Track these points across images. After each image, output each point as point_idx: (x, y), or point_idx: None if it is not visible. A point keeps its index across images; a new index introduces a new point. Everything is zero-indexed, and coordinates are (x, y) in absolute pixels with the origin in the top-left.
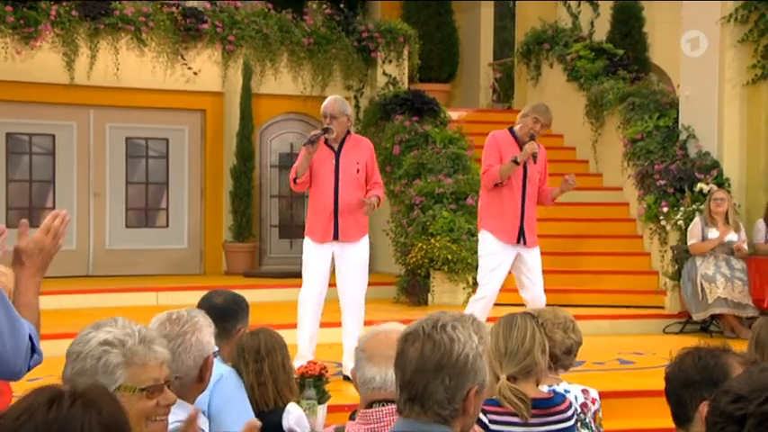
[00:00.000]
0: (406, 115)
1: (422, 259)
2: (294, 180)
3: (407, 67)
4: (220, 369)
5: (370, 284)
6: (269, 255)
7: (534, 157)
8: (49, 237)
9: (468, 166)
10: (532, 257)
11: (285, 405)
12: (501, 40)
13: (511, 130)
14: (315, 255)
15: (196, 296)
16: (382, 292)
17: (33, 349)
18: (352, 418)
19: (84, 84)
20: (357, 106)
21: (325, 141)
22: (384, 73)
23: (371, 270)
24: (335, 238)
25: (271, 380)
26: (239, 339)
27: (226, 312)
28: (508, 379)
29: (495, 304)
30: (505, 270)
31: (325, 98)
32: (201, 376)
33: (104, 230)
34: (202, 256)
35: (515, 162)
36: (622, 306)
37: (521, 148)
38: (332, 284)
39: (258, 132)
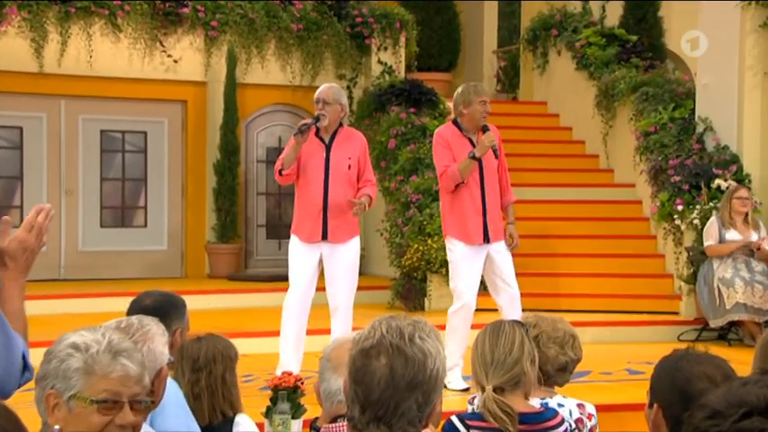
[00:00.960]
0: (403, 107)
1: (418, 261)
2: (280, 171)
3: (404, 54)
4: None
5: (362, 288)
6: (255, 257)
7: (495, 151)
8: (32, 234)
9: None
10: (501, 255)
11: (234, 416)
12: (506, 26)
13: (455, 122)
14: (301, 255)
15: None
16: (376, 296)
17: (26, 366)
18: (313, 429)
19: (54, 72)
20: (350, 97)
21: (316, 132)
22: (379, 61)
23: (364, 272)
24: (324, 238)
25: (207, 393)
26: (182, 344)
27: (157, 314)
28: (495, 390)
29: (476, 310)
30: (478, 274)
31: (315, 88)
32: (154, 390)
33: (77, 230)
34: (183, 258)
35: (474, 158)
36: (634, 312)
37: (471, 142)
38: (319, 288)
39: (243, 125)
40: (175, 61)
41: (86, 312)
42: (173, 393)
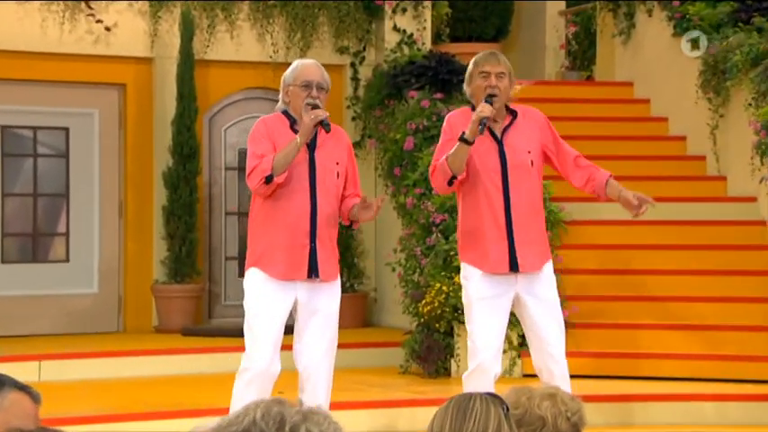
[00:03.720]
0: (426, 91)
1: (441, 307)
2: (268, 178)
3: (431, 19)
4: None
5: (363, 345)
6: (223, 302)
7: (480, 124)
8: None
9: None
10: (537, 296)
11: None
12: None
13: (471, 105)
14: (270, 299)
15: (107, 367)
16: (382, 356)
17: None
18: None
19: None
20: (355, 78)
21: (291, 125)
22: (395, 28)
23: (368, 323)
24: (311, 275)
25: None
26: None
27: None
28: None
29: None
30: (502, 319)
31: None
32: None
33: None
34: (121, 304)
35: (464, 140)
36: (755, 381)
37: (491, 132)
38: (284, 347)
39: (206, 119)
40: (108, 29)
41: None
42: None
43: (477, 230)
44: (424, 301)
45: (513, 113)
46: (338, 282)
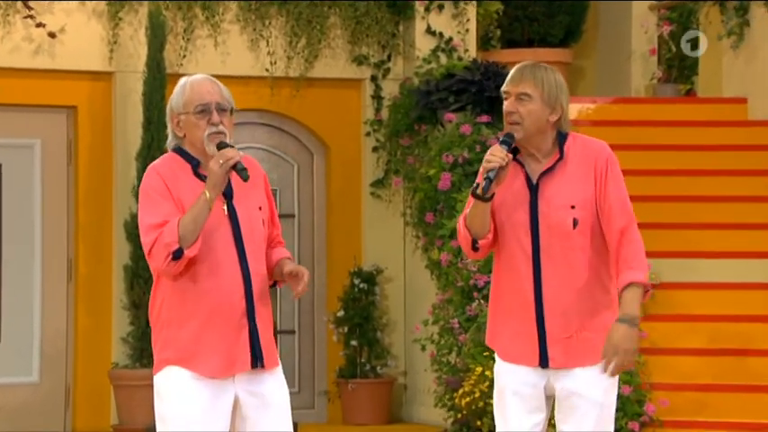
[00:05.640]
0: (468, 113)
1: (484, 398)
2: (176, 253)
3: (476, 19)
4: None
5: None
6: None
7: (485, 179)
8: None
9: None
10: (574, 399)
11: None
12: None
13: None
14: (205, 408)
15: None
16: None
17: None
18: None
19: None
20: (377, 96)
21: (194, 169)
22: (429, 31)
23: (393, 417)
24: (255, 364)
25: None
26: None
27: None
28: None
29: None
30: (532, 418)
31: (312, 82)
32: None
33: None
34: (69, 398)
35: (476, 195)
36: None
37: (524, 170)
38: None
39: None
40: (52, 35)
41: None
42: None
43: (498, 309)
44: (461, 391)
45: (562, 150)
46: (280, 368)
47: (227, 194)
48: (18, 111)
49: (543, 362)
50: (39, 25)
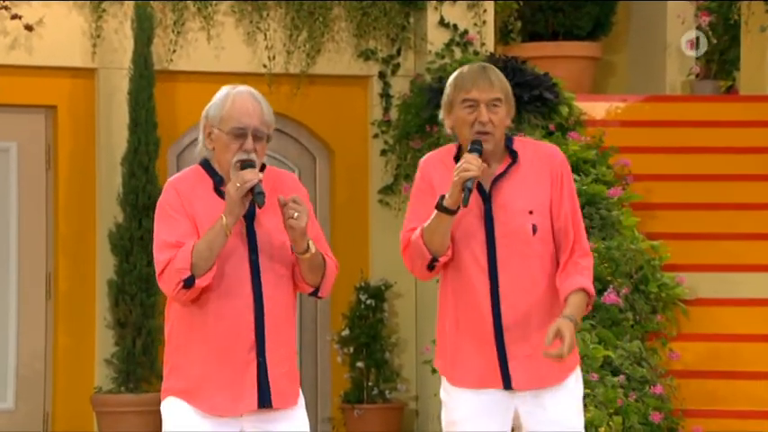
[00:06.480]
0: None
1: None
2: (187, 281)
3: (494, 10)
4: None
5: None
6: None
7: (464, 190)
8: None
9: (617, 224)
10: (541, 417)
11: None
12: None
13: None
14: None
15: None
16: None
17: None
18: None
19: None
20: (385, 95)
21: (215, 186)
22: (442, 23)
23: None
24: (263, 404)
25: None
26: None
27: None
28: None
29: None
30: None
31: (314, 78)
32: None
33: None
34: (48, 424)
35: (443, 209)
36: None
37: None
38: None
39: (172, 155)
40: (30, 28)
41: None
42: None
43: (451, 328)
44: None
45: (514, 154)
46: (300, 407)
47: (248, 215)
48: None
49: (506, 383)
50: (14, 17)
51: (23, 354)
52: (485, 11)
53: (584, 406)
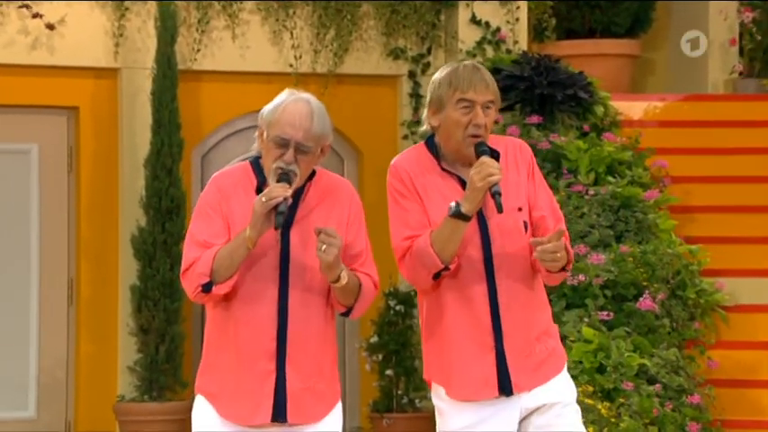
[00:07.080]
0: (517, 113)
1: None
2: (206, 286)
3: (528, 7)
4: None
5: None
6: None
7: (496, 198)
8: None
9: (653, 227)
10: (557, 410)
11: None
12: None
13: (429, 143)
14: None
15: None
16: None
17: None
18: None
19: None
20: (415, 94)
21: (260, 188)
22: (474, 20)
23: None
24: (277, 418)
25: None
26: None
27: None
28: None
29: None
30: None
31: (342, 78)
32: None
33: None
34: None
35: (461, 216)
36: None
37: (460, 182)
38: None
39: (196, 156)
40: (51, 27)
41: None
42: None
43: (444, 336)
44: None
45: (495, 154)
46: (331, 419)
47: (286, 222)
48: (13, 112)
49: (506, 390)
50: (36, 16)
51: (45, 361)
52: (518, 8)
53: (619, 415)
